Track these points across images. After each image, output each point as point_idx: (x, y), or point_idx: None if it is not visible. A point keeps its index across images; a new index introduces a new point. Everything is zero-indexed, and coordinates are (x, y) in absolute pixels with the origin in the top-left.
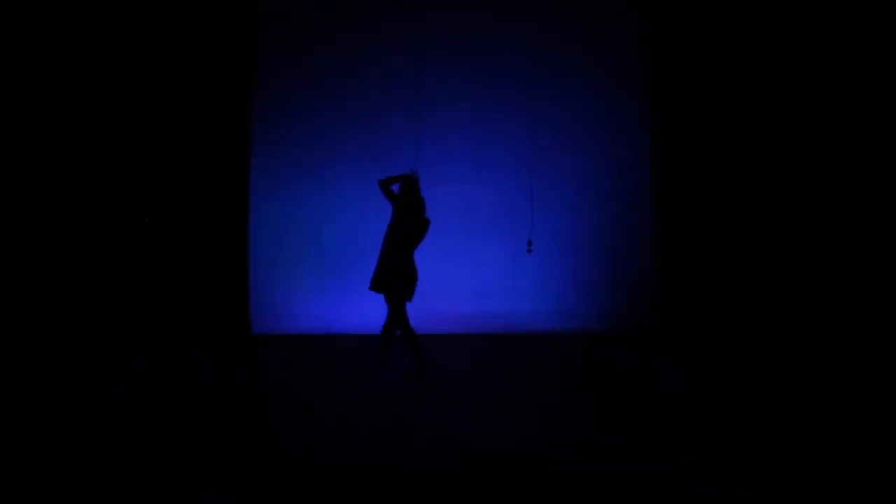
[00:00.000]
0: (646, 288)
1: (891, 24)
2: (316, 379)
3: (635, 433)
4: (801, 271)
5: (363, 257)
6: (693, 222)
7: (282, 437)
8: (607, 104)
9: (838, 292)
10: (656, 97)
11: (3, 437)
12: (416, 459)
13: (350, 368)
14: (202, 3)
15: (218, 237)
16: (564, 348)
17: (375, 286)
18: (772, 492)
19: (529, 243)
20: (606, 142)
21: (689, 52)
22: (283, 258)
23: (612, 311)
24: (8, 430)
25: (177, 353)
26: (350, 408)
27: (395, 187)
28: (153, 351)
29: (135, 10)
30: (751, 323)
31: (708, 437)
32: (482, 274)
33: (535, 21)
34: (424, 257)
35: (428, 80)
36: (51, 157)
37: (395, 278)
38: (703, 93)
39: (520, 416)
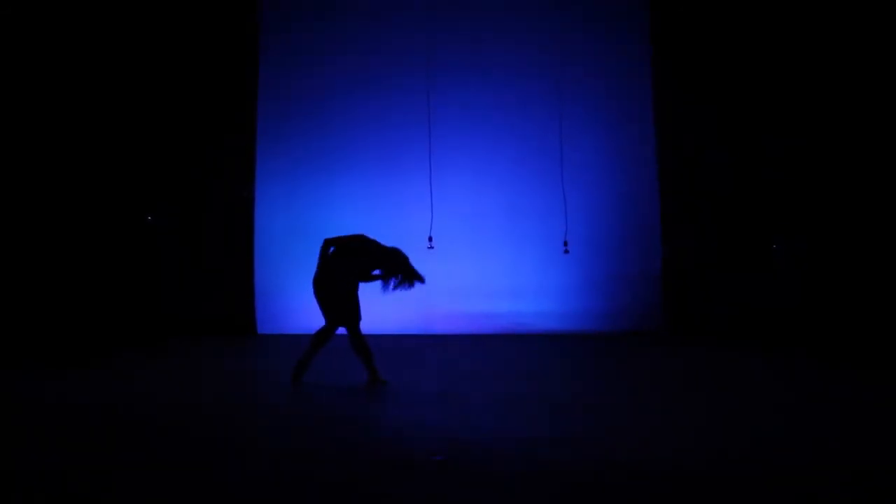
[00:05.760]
0: (652, 288)
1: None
2: (318, 379)
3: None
4: (801, 267)
5: None
6: (698, 222)
7: (285, 436)
8: (613, 106)
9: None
10: (663, 97)
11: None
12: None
13: (352, 367)
14: (205, 9)
15: (223, 240)
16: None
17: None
18: None
19: (566, 244)
20: (611, 141)
21: (696, 52)
22: (286, 261)
23: (616, 312)
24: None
25: (185, 351)
26: (352, 407)
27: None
28: (157, 349)
29: (137, 14)
30: (754, 322)
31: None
32: (488, 274)
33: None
34: (431, 257)
35: (437, 82)
36: (56, 159)
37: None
38: (707, 93)
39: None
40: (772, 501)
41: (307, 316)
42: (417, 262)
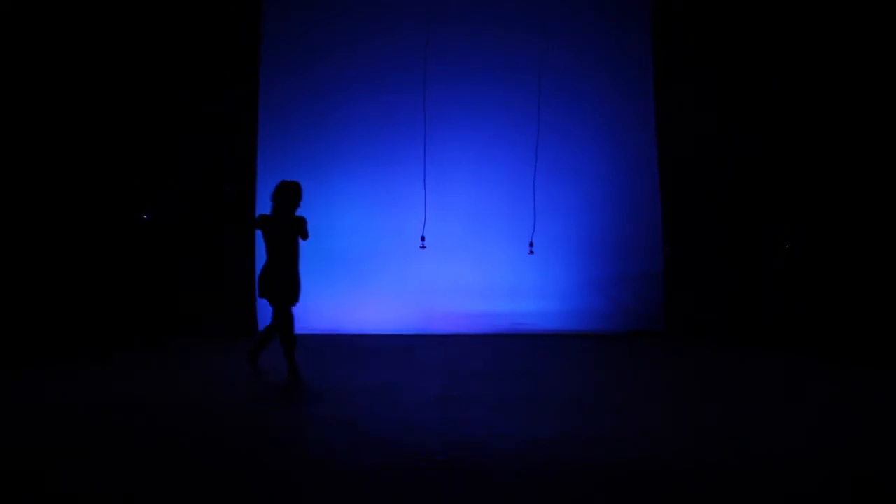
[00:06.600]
0: (653, 288)
1: None
2: (318, 380)
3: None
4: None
5: (367, 258)
6: (700, 221)
7: (285, 437)
8: (613, 103)
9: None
10: (662, 96)
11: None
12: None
13: (354, 368)
14: (207, 8)
15: (223, 240)
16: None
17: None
18: None
19: (531, 245)
20: (613, 141)
21: (699, 50)
22: None
23: (618, 312)
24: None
25: (185, 351)
26: (352, 408)
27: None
28: (157, 349)
29: (137, 15)
30: (756, 322)
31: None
32: (488, 274)
33: (546, 19)
34: (432, 257)
35: (434, 82)
36: (55, 158)
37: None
38: (710, 91)
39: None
40: (771, 501)
41: (308, 315)
42: (414, 262)
